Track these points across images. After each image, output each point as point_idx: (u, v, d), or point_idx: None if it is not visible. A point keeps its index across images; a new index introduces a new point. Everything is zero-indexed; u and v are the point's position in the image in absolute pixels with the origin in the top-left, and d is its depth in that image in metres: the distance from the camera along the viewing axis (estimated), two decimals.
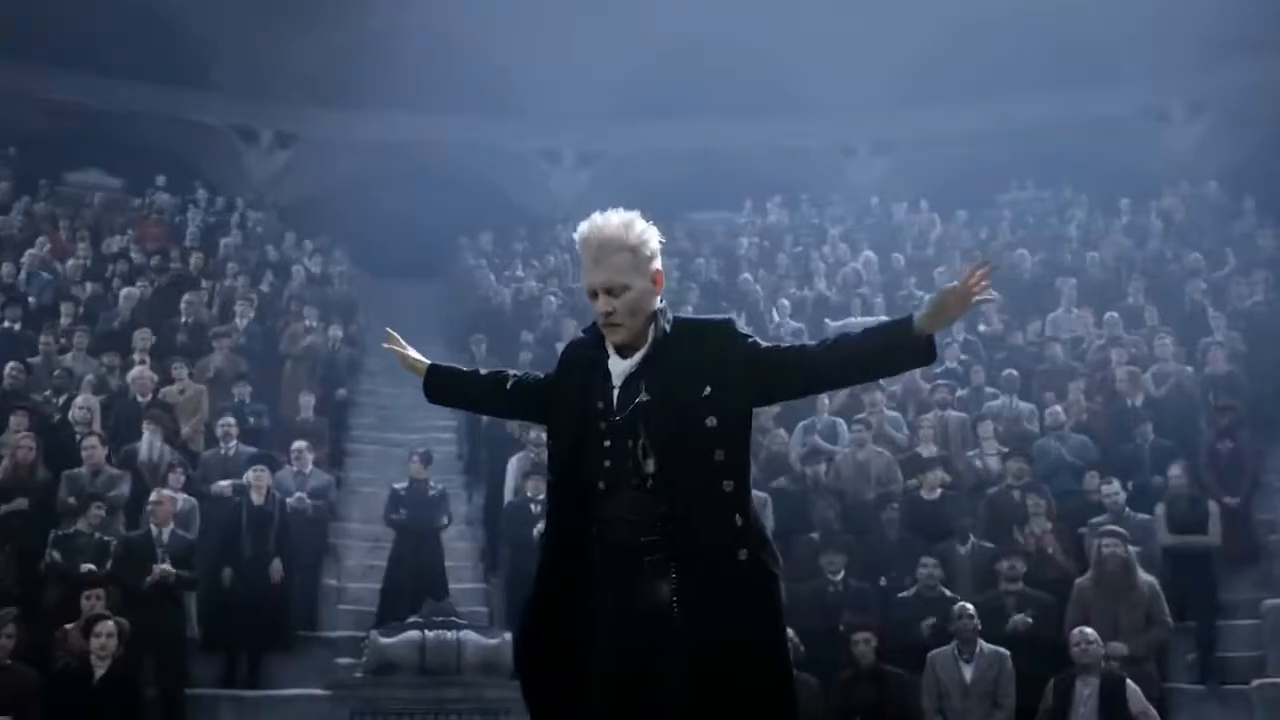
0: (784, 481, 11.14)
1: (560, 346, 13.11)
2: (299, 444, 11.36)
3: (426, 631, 9.60)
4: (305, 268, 17.03)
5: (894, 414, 12.35)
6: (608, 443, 3.39)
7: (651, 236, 3.44)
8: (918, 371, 13.26)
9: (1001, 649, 8.62)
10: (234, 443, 11.28)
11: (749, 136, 24.01)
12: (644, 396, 3.36)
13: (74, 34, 22.10)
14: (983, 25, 22.80)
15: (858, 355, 3.42)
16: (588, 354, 3.53)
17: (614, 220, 3.41)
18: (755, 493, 11.00)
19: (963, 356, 13.65)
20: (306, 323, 14.53)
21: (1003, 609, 9.16)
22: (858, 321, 15.28)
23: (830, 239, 19.29)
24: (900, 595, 9.51)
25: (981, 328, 14.55)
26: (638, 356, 3.42)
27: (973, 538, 9.98)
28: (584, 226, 3.42)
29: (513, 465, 11.33)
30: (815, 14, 22.82)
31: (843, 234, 19.57)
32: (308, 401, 12.76)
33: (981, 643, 8.60)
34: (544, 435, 11.51)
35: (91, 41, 22.10)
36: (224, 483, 10.62)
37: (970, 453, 11.54)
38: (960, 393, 12.73)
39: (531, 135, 24.43)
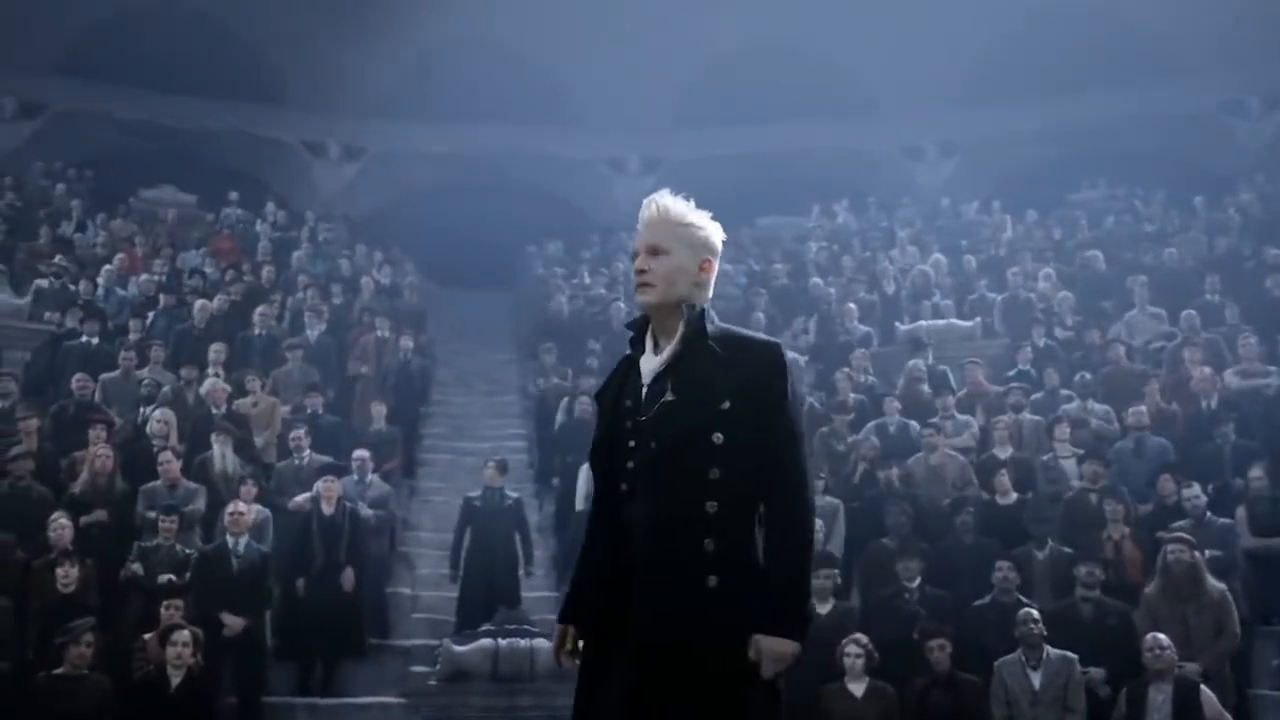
0: (856, 485, 11.05)
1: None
2: (360, 453, 11.42)
3: (500, 640, 9.61)
4: (374, 279, 17.17)
5: (965, 417, 12.22)
6: (632, 442, 3.30)
7: (713, 230, 3.41)
8: (983, 376, 13.10)
9: (1070, 654, 8.45)
10: (306, 453, 11.38)
11: (814, 140, 23.94)
12: (669, 396, 3.26)
13: (147, 54, 22.51)
14: (1051, 21, 22.55)
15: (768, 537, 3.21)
16: (629, 356, 3.47)
17: (680, 201, 3.39)
18: (828, 499, 10.79)
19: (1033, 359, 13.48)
20: (379, 334, 14.64)
21: (1079, 616, 9.00)
22: (928, 325, 15.15)
23: (899, 241, 19.14)
24: (975, 603, 9.37)
25: (1058, 331, 14.34)
26: (667, 353, 3.32)
27: (1051, 543, 9.82)
28: (648, 199, 3.41)
29: (584, 473, 11.31)
30: (877, 14, 22.71)
31: (912, 236, 19.42)
32: (380, 411, 12.84)
33: (1048, 649, 8.44)
34: None
35: (164, 61, 22.51)
36: (300, 497, 10.70)
37: (1045, 456, 11.36)
38: (1035, 396, 12.55)
39: (595, 144, 24.51)
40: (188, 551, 9.70)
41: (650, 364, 3.35)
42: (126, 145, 23.04)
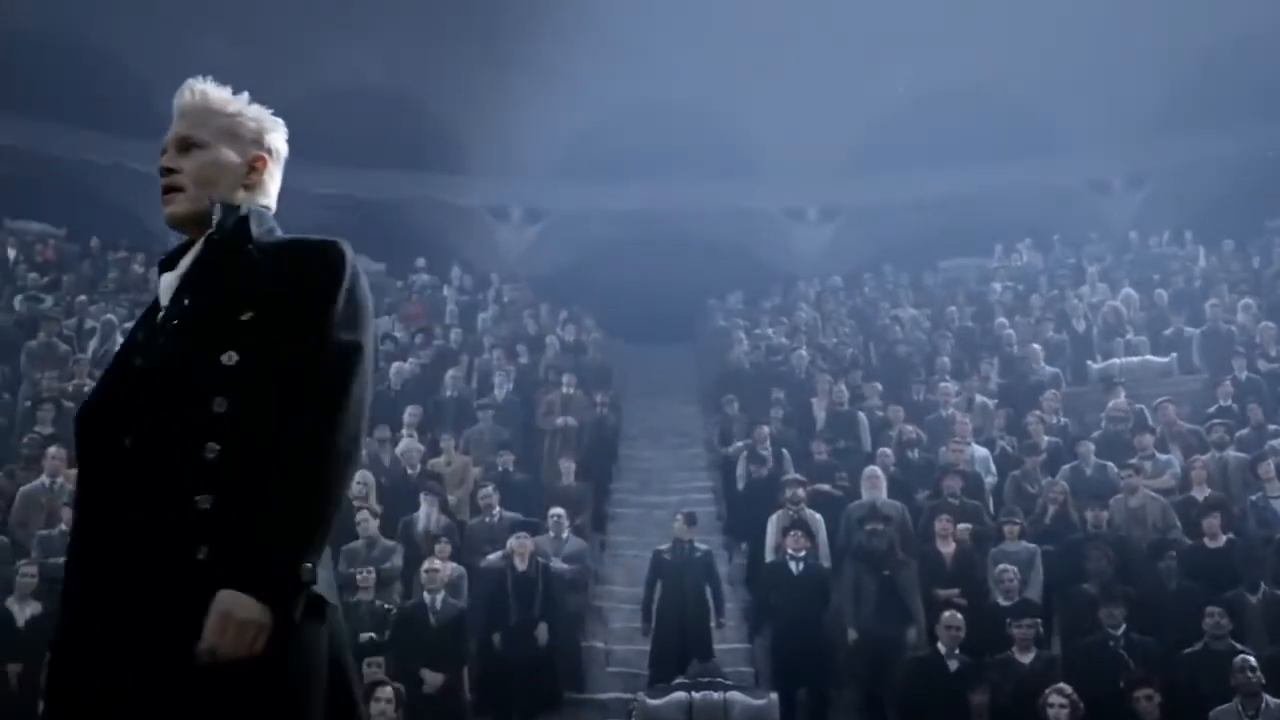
0: (1049, 529, 10.76)
1: (814, 401, 12.92)
2: (556, 511, 11.60)
3: (693, 692, 9.61)
4: (559, 337, 17.48)
5: (1166, 457, 11.79)
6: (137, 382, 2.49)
7: (270, 124, 2.81)
8: (1176, 413, 12.59)
9: None
10: (497, 511, 11.60)
11: (997, 180, 23.53)
12: (180, 315, 2.51)
13: (337, 131, 23.46)
14: (1238, 47, 21.78)
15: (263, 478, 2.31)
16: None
17: (227, 91, 2.71)
18: (1024, 544, 10.49)
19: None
20: (565, 390, 14.84)
21: None
22: (1121, 363, 14.71)
23: (1089, 278, 18.66)
24: (1186, 651, 8.99)
25: (1260, 364, 13.77)
26: (186, 261, 2.58)
27: (1264, 586, 9.38)
28: (186, 83, 2.68)
29: (772, 524, 11.26)
30: (1061, 48, 22.28)
31: (1101, 272, 18.90)
32: (569, 468, 13.03)
33: (1267, 698, 8.05)
34: (799, 492, 11.24)
35: (354, 136, 23.41)
36: (493, 555, 10.91)
37: (1253, 496, 10.86)
38: (1241, 433, 12.05)
39: (774, 194, 24.58)
40: (387, 607, 9.98)
41: (168, 280, 2.58)
42: (322, 218, 23.98)
